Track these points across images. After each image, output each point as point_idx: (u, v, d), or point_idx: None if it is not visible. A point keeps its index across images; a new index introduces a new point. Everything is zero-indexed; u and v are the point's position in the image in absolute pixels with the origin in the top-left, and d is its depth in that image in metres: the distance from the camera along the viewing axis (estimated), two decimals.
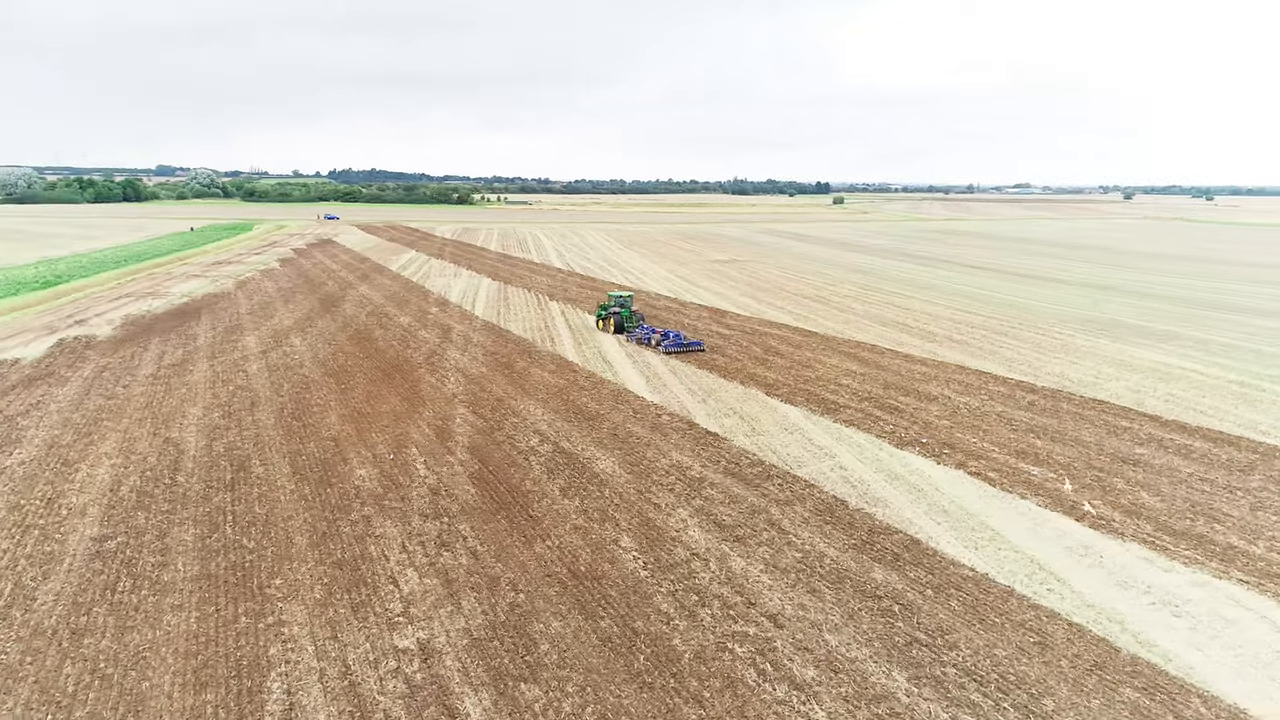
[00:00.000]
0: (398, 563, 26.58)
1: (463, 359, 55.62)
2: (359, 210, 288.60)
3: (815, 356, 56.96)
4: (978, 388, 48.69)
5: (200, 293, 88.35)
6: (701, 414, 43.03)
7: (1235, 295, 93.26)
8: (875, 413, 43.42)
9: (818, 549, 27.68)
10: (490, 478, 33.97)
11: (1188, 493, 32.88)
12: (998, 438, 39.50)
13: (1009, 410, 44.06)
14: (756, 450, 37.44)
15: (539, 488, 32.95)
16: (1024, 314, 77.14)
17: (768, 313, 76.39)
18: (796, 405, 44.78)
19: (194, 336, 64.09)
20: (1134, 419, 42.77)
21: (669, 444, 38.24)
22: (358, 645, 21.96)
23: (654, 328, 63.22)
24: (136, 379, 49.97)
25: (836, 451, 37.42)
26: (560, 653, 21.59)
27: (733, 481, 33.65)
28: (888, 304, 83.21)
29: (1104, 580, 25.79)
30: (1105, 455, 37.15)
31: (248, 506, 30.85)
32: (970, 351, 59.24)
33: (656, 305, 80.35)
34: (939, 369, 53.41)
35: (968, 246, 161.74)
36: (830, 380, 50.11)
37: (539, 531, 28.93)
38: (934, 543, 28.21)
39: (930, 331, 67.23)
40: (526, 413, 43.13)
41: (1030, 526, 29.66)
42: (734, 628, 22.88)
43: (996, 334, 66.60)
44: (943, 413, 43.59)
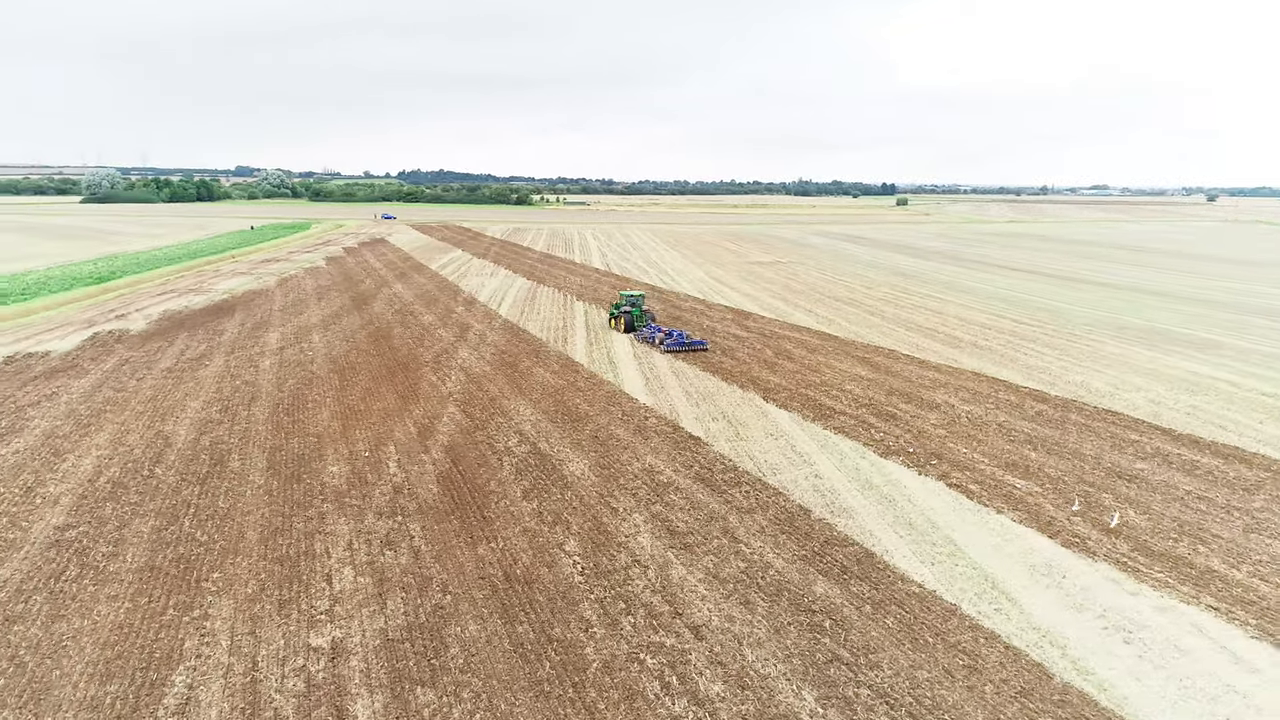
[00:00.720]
0: (338, 560, 26.66)
1: (471, 358, 55.87)
2: (419, 210, 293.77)
3: (826, 361, 55.73)
4: (986, 396, 46.98)
5: (241, 289, 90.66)
6: (690, 417, 42.38)
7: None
8: (870, 420, 42.20)
9: (765, 559, 26.89)
10: (457, 478, 33.92)
11: (1179, 511, 31.10)
12: (991, 448, 38.00)
13: (1012, 420, 42.38)
14: (734, 456, 36.68)
15: (502, 489, 32.77)
16: (1060, 319, 74.36)
17: (793, 315, 75.11)
18: (790, 410, 43.81)
19: (221, 332, 65.70)
20: (1145, 432, 40.73)
21: (647, 447, 37.72)
22: (272, 642, 22.02)
23: (659, 327, 63.17)
24: (152, 372, 51.36)
25: (816, 459, 36.42)
26: (467, 658, 21.32)
27: (699, 487, 32.99)
28: (920, 308, 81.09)
29: (1059, 601, 24.48)
30: (1101, 470, 35.41)
31: (212, 500, 31.33)
32: (991, 358, 57.27)
33: (682, 307, 79.74)
34: (951, 375, 51.73)
35: (1023, 249, 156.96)
36: (834, 385, 48.93)
37: (487, 533, 28.74)
38: (888, 556, 27.17)
39: (955, 337, 65.25)
40: (515, 413, 43.04)
41: (997, 542, 28.38)
42: (652, 638, 22.31)
43: (1024, 340, 64.29)
44: (941, 421, 42.14)
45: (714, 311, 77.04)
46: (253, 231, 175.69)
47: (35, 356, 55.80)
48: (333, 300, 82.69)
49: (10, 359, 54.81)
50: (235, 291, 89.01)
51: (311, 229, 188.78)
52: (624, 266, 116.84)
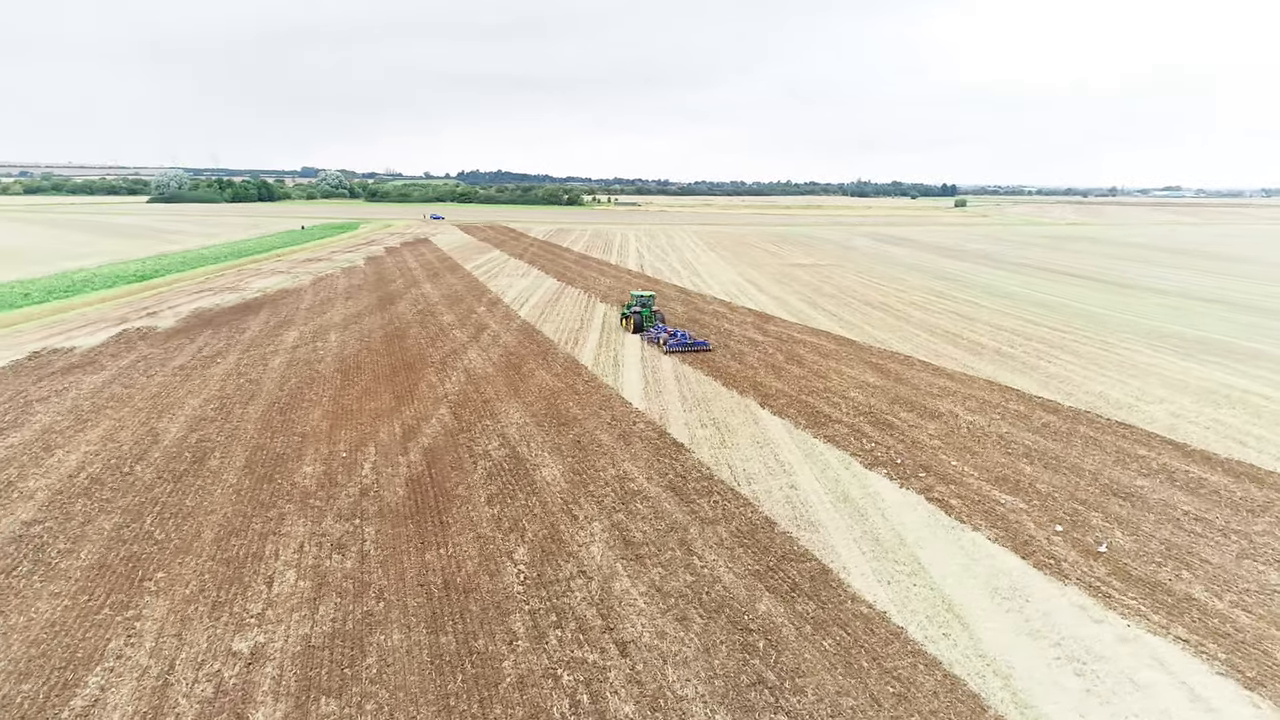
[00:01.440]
0: (284, 563, 26.56)
1: (478, 359, 55.82)
2: (470, 210, 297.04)
3: (837, 366, 54.35)
4: (994, 405, 45.22)
5: (275, 288, 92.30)
6: (679, 423, 41.59)
7: None
8: (865, 429, 40.89)
9: (715, 574, 26.04)
10: (427, 481, 33.69)
11: (1171, 533, 29.34)
12: (984, 461, 36.45)
13: (1014, 431, 40.67)
14: (713, 464, 35.80)
15: (469, 493, 32.44)
16: (1096, 326, 71.52)
17: (817, 319, 73.63)
18: (785, 417, 42.71)
19: (243, 330, 66.81)
20: (1155, 446, 38.70)
21: (627, 453, 37.05)
22: (195, 645, 21.94)
23: (665, 327, 62.99)
24: (164, 369, 52.34)
25: (797, 469, 35.35)
26: (381, 668, 20.95)
27: (668, 496, 32.22)
28: (952, 312, 78.83)
29: (1015, 627, 23.17)
30: (1097, 486, 33.67)
31: (180, 499, 31.57)
32: (1011, 366, 55.23)
33: (705, 309, 78.81)
34: (963, 384, 49.96)
35: (1075, 253, 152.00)
36: (838, 392, 47.62)
37: (440, 539, 28.40)
38: (844, 573, 26.09)
39: (979, 343, 63.17)
40: (504, 416, 42.74)
41: (964, 562, 27.07)
42: (575, 653, 21.67)
43: (1053, 347, 61.92)
44: (939, 431, 40.63)
45: (736, 315, 75.93)
46: (302, 231, 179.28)
47: (60, 352, 57.33)
48: (360, 300, 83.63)
49: (36, 354, 56.38)
50: (268, 290, 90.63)
51: (359, 229, 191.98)
52: (658, 268, 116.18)
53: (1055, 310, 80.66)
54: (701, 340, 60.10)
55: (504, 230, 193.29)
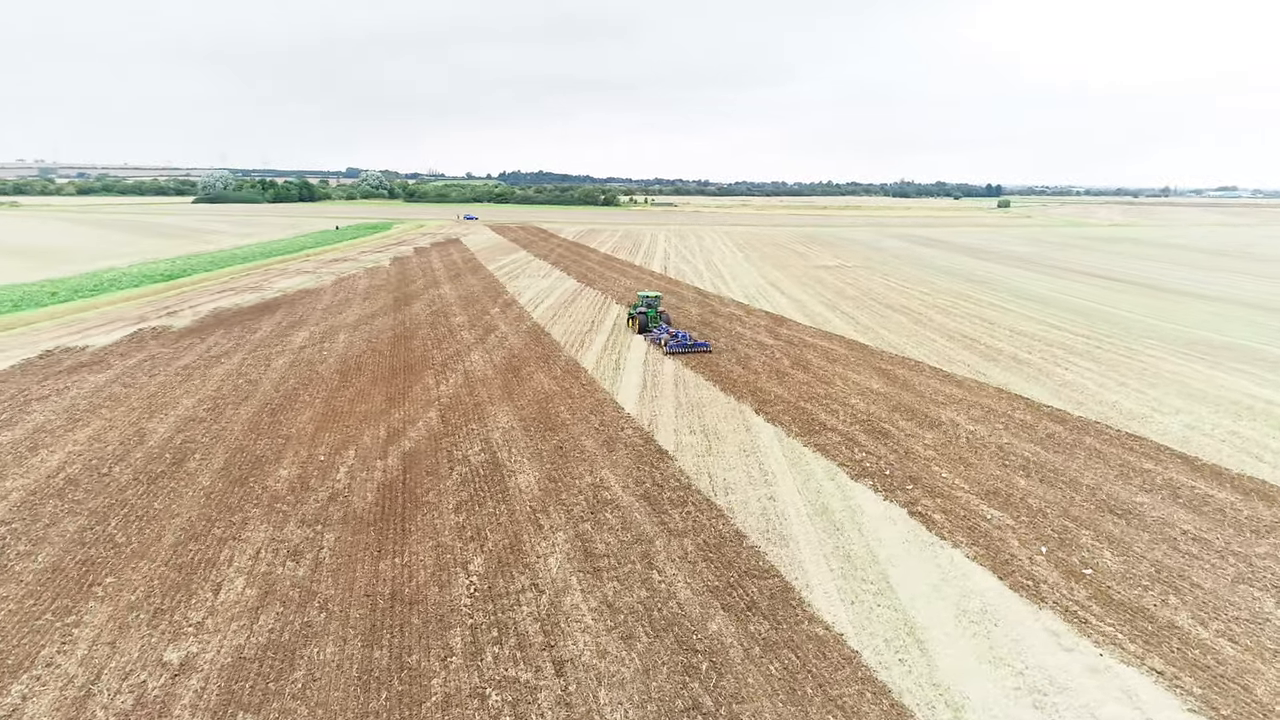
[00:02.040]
0: (237, 569, 26.19)
1: (480, 361, 55.41)
2: (505, 211, 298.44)
3: (843, 372, 53.01)
4: (999, 414, 43.62)
5: (296, 288, 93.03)
6: (668, 429, 40.68)
7: None
8: (859, 438, 39.62)
9: (671, 589, 25.13)
10: (399, 486, 33.22)
11: (1164, 555, 27.78)
12: (978, 474, 35.02)
13: (1015, 442, 39.11)
14: (694, 473, 34.85)
15: (438, 500, 31.88)
16: (1124, 331, 69.10)
17: (833, 323, 72.17)
18: (778, 425, 41.59)
19: (255, 330, 67.21)
20: (1163, 460, 36.92)
21: (608, 461, 36.25)
22: (128, 654, 21.60)
23: (667, 328, 62.48)
24: (169, 369, 52.68)
25: (779, 479, 34.25)
26: (308, 683, 20.41)
27: (641, 506, 31.35)
28: (975, 316, 76.79)
29: (978, 653, 21.94)
30: (1093, 502, 32.11)
31: (150, 502, 31.44)
32: (1025, 373, 53.41)
33: (720, 312, 77.71)
34: (971, 391, 48.36)
35: (1116, 255, 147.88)
36: (838, 399, 46.35)
37: (398, 547, 27.86)
38: (807, 591, 25.02)
39: (996, 349, 61.29)
40: (493, 419, 42.20)
41: (936, 581, 25.83)
42: (509, 672, 20.92)
43: (1072, 353, 59.85)
44: (936, 441, 39.22)
45: (751, 317, 74.73)
46: (336, 231, 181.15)
47: (72, 351, 58.06)
48: (377, 300, 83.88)
49: (48, 353, 57.15)
50: (289, 290, 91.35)
51: (392, 229, 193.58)
52: (681, 269, 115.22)
53: (1083, 315, 78.20)
54: (702, 341, 59.85)
55: (535, 231, 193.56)
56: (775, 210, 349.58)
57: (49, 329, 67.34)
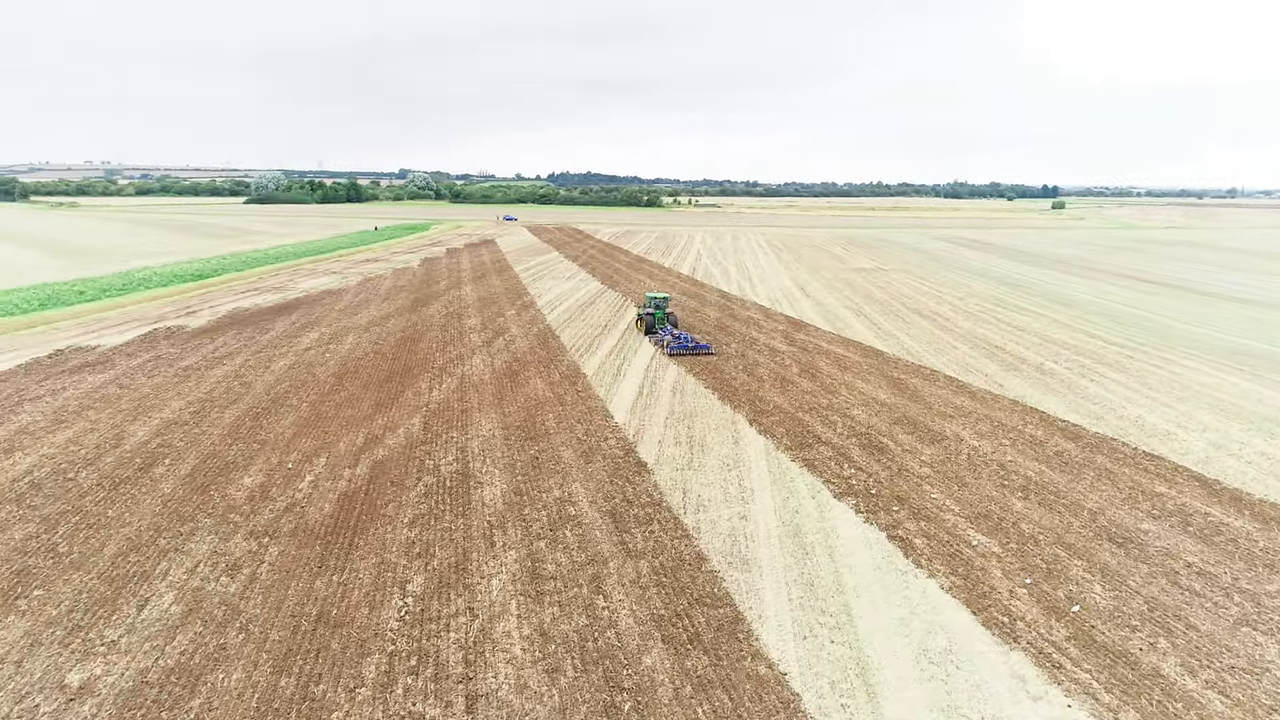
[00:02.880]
0: (169, 584, 25.29)
1: (479, 365, 54.40)
2: (548, 212, 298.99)
3: (852, 381, 50.87)
4: (1009, 429, 41.21)
5: (320, 288, 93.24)
6: (652, 440, 39.10)
7: None
8: (852, 453, 37.60)
9: (613, 618, 23.57)
10: (360, 497, 32.16)
11: (1161, 591, 25.43)
12: (972, 494, 32.82)
13: (1019, 460, 36.75)
14: (668, 488, 33.23)
15: (395, 513, 30.74)
16: (1159, 338, 65.66)
17: (853, 329, 69.84)
18: (770, 437, 39.75)
19: (267, 331, 67.12)
20: (1179, 483, 34.30)
21: (581, 473, 34.81)
22: (30, 674, 20.73)
23: (670, 329, 61.75)
24: (169, 370, 52.55)
25: (757, 497, 32.45)
26: (203, 712, 19.29)
27: (604, 523, 29.84)
28: (1005, 322, 73.79)
29: (931, 701, 20.00)
30: (1093, 529, 29.77)
31: (105, 509, 30.80)
32: (1046, 384, 50.69)
33: (738, 316, 75.81)
34: (983, 403, 45.91)
35: (1167, 258, 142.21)
36: (840, 410, 44.31)
37: (341, 564, 26.73)
38: (759, 623, 23.26)
39: (1020, 357, 58.49)
40: (476, 427, 41.04)
41: (903, 615, 23.87)
42: (416, 706, 19.58)
43: (1101, 363, 56.82)
44: (934, 458, 37.04)
45: (770, 322, 72.70)
46: (375, 232, 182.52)
47: (81, 350, 58.39)
48: (396, 301, 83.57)
49: (58, 352, 57.52)
50: (312, 290, 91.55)
51: (430, 230, 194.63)
52: (710, 271, 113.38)
53: (1119, 321, 74.66)
54: (704, 343, 59.23)
55: (572, 232, 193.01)
56: (820, 211, 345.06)
57: (68, 328, 68.06)
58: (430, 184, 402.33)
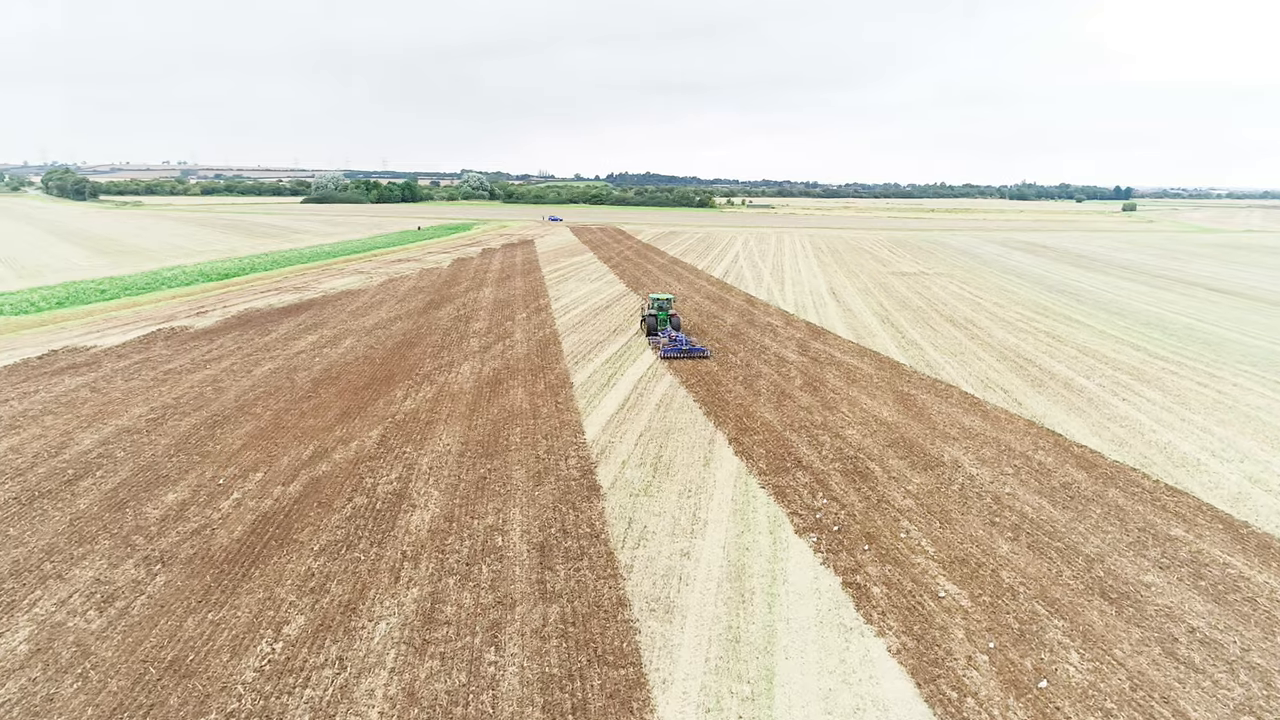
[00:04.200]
0: (31, 617, 23.19)
1: (466, 373, 52.03)
2: (597, 212, 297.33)
3: (857, 396, 47.13)
4: (1016, 455, 37.15)
5: (341, 288, 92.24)
6: (615, 461, 36.10)
7: None
8: (831, 480, 34.05)
9: (496, 678, 20.65)
10: (279, 520, 29.81)
11: (1151, 664, 21.51)
12: (954, 533, 29.07)
13: (1019, 492, 32.77)
14: (614, 517, 30.20)
15: (310, 539, 28.29)
16: (1212, 352, 60.23)
17: (877, 337, 65.79)
18: (747, 459, 36.42)
19: (270, 332, 65.87)
20: (1200, 524, 30.03)
21: (527, 496, 31.98)
22: None
23: (669, 331, 60.26)
24: (152, 373, 51.31)
25: (709, 529, 29.20)
26: None
27: (528, 558, 26.94)
28: (1043, 332, 68.84)
29: None
30: (1086, 579, 25.85)
31: (9, 526, 29.01)
32: (1071, 402, 46.25)
33: (756, 322, 72.27)
34: (995, 424, 41.81)
35: (1239, 264, 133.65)
36: (833, 429, 40.72)
37: (224, 598, 24.32)
38: (660, 691, 20.11)
39: (1050, 371, 53.90)
40: (435, 442, 38.54)
41: (833, 685, 20.47)
42: None
43: (1140, 379, 51.95)
44: (922, 487, 33.28)
45: (788, 329, 68.98)
46: (417, 232, 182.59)
47: (75, 351, 57.69)
48: (411, 303, 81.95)
49: (51, 353, 56.88)
50: (332, 290, 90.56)
51: (472, 229, 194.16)
52: (741, 275, 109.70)
53: (1169, 332, 69.06)
54: (699, 346, 57.80)
55: (614, 233, 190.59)
56: (876, 213, 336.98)
57: (75, 328, 67.77)
58: (484, 184, 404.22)
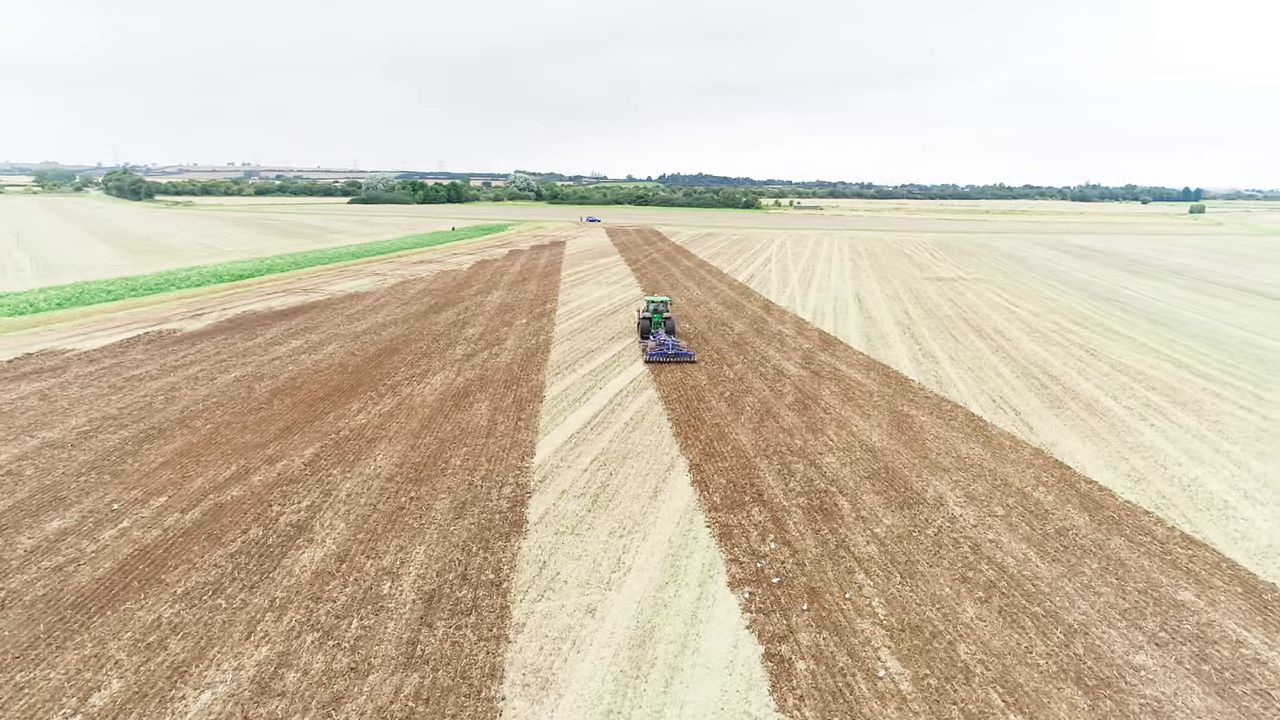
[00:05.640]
0: None
1: (436, 383, 48.94)
2: (641, 213, 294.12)
3: (849, 416, 42.87)
4: (1012, 491, 32.59)
5: (349, 291, 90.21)
6: (554, 490, 32.47)
7: None
8: (790, 518, 29.95)
9: None
10: (156, 555, 26.79)
11: None
12: (916, 591, 24.80)
13: (1004, 540, 28.29)
14: (528, 559, 26.62)
15: (178, 580, 25.19)
16: (1263, 372, 54.45)
17: (892, 348, 61.17)
18: (703, 491, 32.56)
19: (255, 337, 63.74)
20: (1215, 586, 25.30)
21: (440, 532, 28.54)
22: None
23: (659, 335, 58.17)
24: (112, 380, 49.20)
25: (629, 579, 25.39)
26: None
27: (412, 609, 23.44)
28: (1077, 345, 63.42)
29: None
30: (1061, 658, 21.42)
31: None
32: (1088, 428, 41.33)
33: (766, 330, 68.07)
34: (996, 452, 37.20)
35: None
36: (810, 456, 36.57)
37: (48, 654, 21.26)
38: None
39: (1074, 391, 48.82)
40: (367, 463, 35.36)
41: None
42: None
43: (1175, 401, 46.63)
44: (893, 530, 28.99)
45: (797, 339, 64.63)
46: (451, 232, 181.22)
47: (50, 355, 56.09)
48: (413, 306, 79.46)
49: (25, 356, 55.29)
50: (340, 293, 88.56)
51: (506, 230, 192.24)
52: (766, 279, 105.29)
53: (1222, 347, 63.03)
54: (685, 351, 56.12)
55: (649, 234, 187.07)
56: (928, 214, 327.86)
57: (64, 330, 66.47)
58: (530, 185, 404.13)
